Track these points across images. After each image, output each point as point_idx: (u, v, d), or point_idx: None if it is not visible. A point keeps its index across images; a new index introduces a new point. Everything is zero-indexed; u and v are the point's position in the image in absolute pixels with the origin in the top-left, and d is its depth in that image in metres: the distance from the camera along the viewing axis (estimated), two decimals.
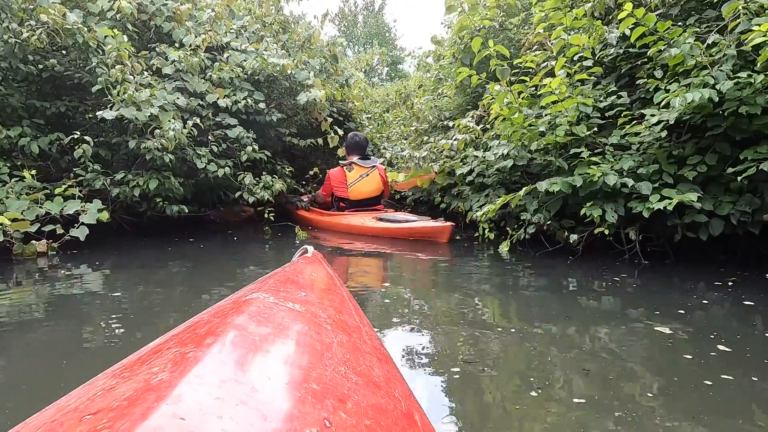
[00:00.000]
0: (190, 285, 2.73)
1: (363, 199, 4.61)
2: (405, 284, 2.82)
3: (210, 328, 0.63)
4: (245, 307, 0.74)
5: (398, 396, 0.68)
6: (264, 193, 4.31)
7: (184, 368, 0.49)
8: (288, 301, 0.85)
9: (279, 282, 1.03)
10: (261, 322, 0.69)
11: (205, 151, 4.12)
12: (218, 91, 4.25)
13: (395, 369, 0.87)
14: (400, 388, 0.74)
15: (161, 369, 0.49)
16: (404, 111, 6.89)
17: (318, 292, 1.09)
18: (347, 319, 0.96)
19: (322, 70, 5.26)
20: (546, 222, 3.13)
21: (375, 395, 0.62)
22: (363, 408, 0.56)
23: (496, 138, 3.76)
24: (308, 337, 0.70)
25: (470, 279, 2.87)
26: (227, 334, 0.61)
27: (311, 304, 0.92)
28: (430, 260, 3.50)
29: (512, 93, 3.22)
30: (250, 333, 0.63)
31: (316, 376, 0.57)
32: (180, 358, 0.52)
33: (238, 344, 0.59)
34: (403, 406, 0.66)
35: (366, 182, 4.61)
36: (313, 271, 1.28)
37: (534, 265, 3.06)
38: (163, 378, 0.46)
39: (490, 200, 3.66)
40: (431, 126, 5.08)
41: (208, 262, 3.26)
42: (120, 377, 0.50)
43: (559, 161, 3.16)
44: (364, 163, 4.64)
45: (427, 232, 3.86)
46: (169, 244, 3.80)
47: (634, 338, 1.77)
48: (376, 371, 0.73)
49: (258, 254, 3.61)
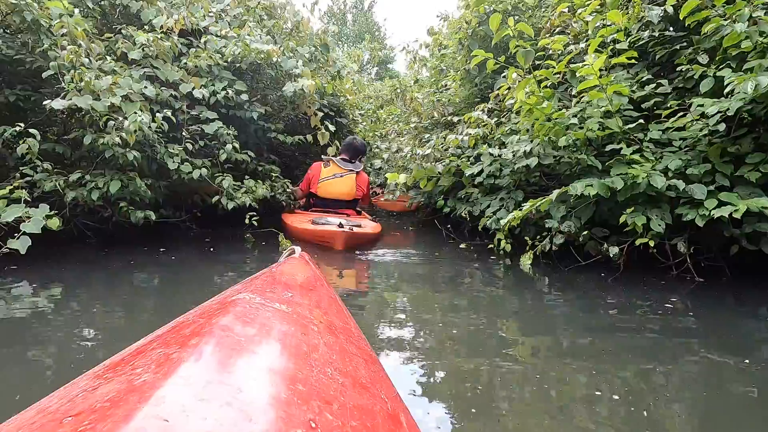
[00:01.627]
0: (155, 304, 2.25)
1: (330, 198, 4.39)
2: (401, 290, 2.56)
3: (195, 329, 0.63)
4: (231, 308, 0.73)
5: (384, 397, 0.69)
6: (246, 198, 3.80)
7: (168, 369, 0.49)
8: (274, 301, 0.85)
9: (265, 282, 1.02)
10: (247, 323, 0.69)
11: (179, 149, 3.60)
12: (194, 80, 3.73)
13: (382, 370, 0.87)
14: (387, 390, 0.75)
15: (145, 370, 0.49)
16: (400, 107, 6.40)
17: (305, 292, 1.06)
18: (334, 320, 0.96)
19: (311, 60, 4.76)
20: (575, 231, 2.67)
21: (361, 396, 0.62)
22: (349, 409, 0.55)
23: (513, 133, 3.30)
24: (294, 338, 0.70)
25: (481, 294, 2.44)
26: (212, 334, 0.61)
27: (298, 304, 0.91)
28: (431, 267, 3.07)
29: (534, 80, 2.76)
30: (235, 334, 0.63)
31: (302, 377, 0.57)
32: (164, 358, 0.52)
33: (223, 345, 0.58)
34: (390, 407, 0.66)
35: (337, 182, 4.38)
36: (300, 272, 1.26)
37: (562, 283, 2.60)
38: (147, 379, 0.46)
39: (506, 205, 3.20)
40: (432, 122, 4.61)
41: (178, 278, 2.75)
42: (102, 378, 0.50)
43: (591, 159, 2.70)
44: (343, 164, 4.42)
45: (320, 237, 3.56)
46: (135, 255, 3.27)
47: (688, 374, 1.44)
48: (362, 372, 0.74)
49: (237, 268, 3.10)
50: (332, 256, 3.39)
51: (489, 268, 3.06)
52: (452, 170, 3.68)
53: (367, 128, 6.89)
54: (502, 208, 3.18)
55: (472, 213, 3.60)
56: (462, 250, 3.56)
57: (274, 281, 1.06)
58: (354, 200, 4.50)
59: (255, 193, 3.89)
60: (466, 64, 3.91)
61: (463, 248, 3.59)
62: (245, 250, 3.64)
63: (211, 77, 3.96)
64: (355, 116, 6.13)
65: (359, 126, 6.37)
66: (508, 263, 3.13)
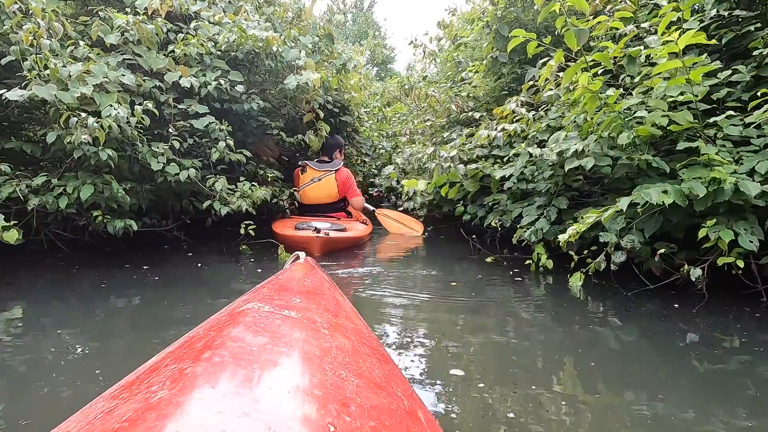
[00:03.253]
0: (129, 340, 1.78)
1: (313, 204, 4.27)
2: (421, 306, 2.29)
3: (206, 342, 0.63)
4: (240, 318, 0.73)
5: (401, 395, 0.69)
6: (241, 203, 3.33)
7: (183, 385, 0.49)
8: (283, 309, 0.84)
9: (273, 290, 1.02)
10: (257, 332, 0.68)
11: (164, 147, 3.13)
12: (181, 68, 3.26)
13: (396, 369, 0.88)
14: (402, 388, 0.74)
15: (160, 387, 0.49)
16: (409, 105, 5.94)
17: (313, 297, 1.06)
18: (344, 323, 0.95)
19: (315, 51, 4.30)
20: (640, 248, 2.20)
21: (377, 396, 0.62)
22: (366, 410, 0.55)
23: (551, 129, 2.83)
24: (306, 344, 0.70)
25: (517, 316, 1.99)
26: (224, 347, 0.60)
27: (307, 310, 0.90)
28: (457, 281, 2.63)
29: (587, 65, 2.29)
30: (247, 344, 0.63)
31: (317, 381, 0.57)
32: (178, 374, 0.52)
33: (236, 356, 0.58)
34: (406, 405, 0.66)
35: (316, 187, 4.26)
36: (306, 277, 1.25)
37: (622, 310, 2.14)
38: (163, 396, 0.46)
39: (547, 214, 2.73)
40: (450, 120, 4.14)
41: (161, 304, 2.27)
42: (119, 398, 0.50)
43: (657, 161, 2.23)
44: (319, 166, 4.28)
45: (299, 242, 3.39)
46: (112, 274, 2.80)
47: None
48: (376, 372, 0.73)
49: (231, 290, 2.62)
50: (346, 263, 3.21)
51: (525, 287, 2.60)
52: (478, 174, 3.21)
53: (372, 127, 6.42)
54: (542, 217, 2.72)
55: (502, 223, 3.14)
56: (490, 264, 3.09)
57: (281, 288, 1.05)
58: (340, 201, 4.34)
59: (252, 196, 3.42)
60: (492, 51, 3.45)
61: (490, 262, 3.12)
62: (241, 264, 3.16)
63: (203, 67, 3.49)
64: (361, 114, 5.66)
65: (365, 125, 5.90)
66: (548, 282, 2.66)
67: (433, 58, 6.34)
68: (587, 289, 2.43)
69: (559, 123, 2.89)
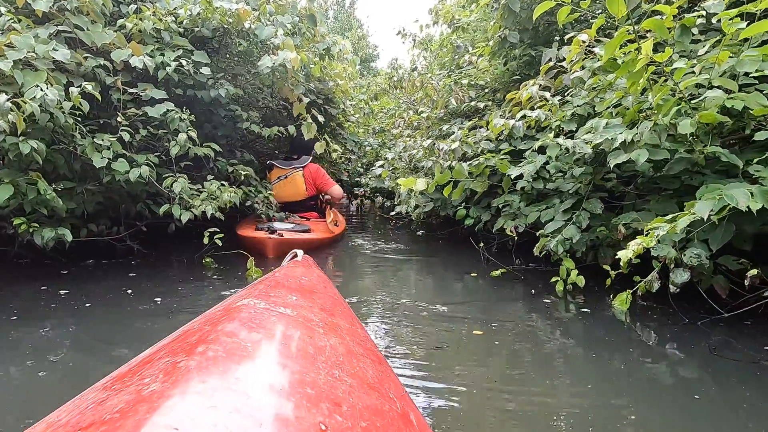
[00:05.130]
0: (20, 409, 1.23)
1: (285, 202, 4.08)
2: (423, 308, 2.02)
3: (201, 337, 0.62)
4: (236, 314, 0.72)
5: (393, 397, 0.68)
6: (206, 207, 2.79)
7: (176, 378, 0.48)
8: (279, 306, 0.83)
9: (269, 287, 1.00)
10: (252, 329, 0.68)
11: (110, 139, 2.58)
12: (133, 45, 2.71)
13: (389, 370, 0.87)
14: (395, 389, 0.74)
15: (153, 380, 0.48)
16: (398, 98, 5.44)
17: (309, 295, 1.05)
18: (340, 322, 0.94)
19: (294, 33, 3.77)
20: (706, 264, 1.74)
21: (370, 397, 0.62)
22: (359, 410, 0.55)
23: (580, 118, 2.36)
24: (301, 342, 0.69)
25: (544, 343, 1.56)
26: (218, 341, 0.60)
27: (302, 308, 0.90)
28: (469, 297, 2.18)
29: (634, 35, 1.82)
30: (241, 340, 0.62)
31: (310, 380, 0.56)
32: (171, 367, 0.51)
33: (229, 351, 0.57)
34: (399, 407, 0.65)
35: (282, 185, 4.08)
36: (303, 275, 1.24)
37: (686, 343, 1.68)
38: (155, 389, 0.46)
39: (577, 220, 2.25)
40: (449, 112, 3.65)
41: (83, 346, 1.73)
42: (111, 389, 0.49)
43: (726, 154, 1.77)
44: (285, 164, 4.14)
45: (253, 244, 3.22)
46: (22, 298, 2.25)
47: None
48: (370, 373, 0.73)
49: (181, 321, 2.09)
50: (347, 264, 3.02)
51: (550, 309, 2.13)
52: (486, 171, 2.73)
53: (359, 121, 5.91)
54: (570, 223, 2.24)
55: (517, 229, 2.66)
56: (498, 278, 2.62)
57: (277, 285, 1.04)
58: (310, 199, 4.16)
59: (220, 198, 2.89)
60: (500, 30, 2.97)
61: (496, 275, 2.65)
62: (203, 282, 2.60)
63: (161, 45, 2.94)
64: (347, 106, 5.14)
65: (351, 118, 5.39)
66: (579, 303, 2.19)
67: (425, 47, 5.86)
68: (633, 313, 1.96)
69: (587, 111, 2.42)
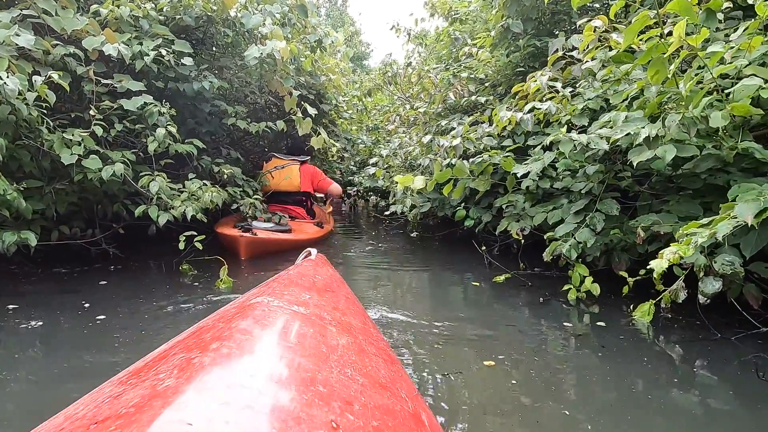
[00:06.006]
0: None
1: (278, 191, 4.05)
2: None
3: (215, 333, 0.62)
4: (249, 311, 0.73)
5: (405, 397, 0.68)
6: (188, 208, 2.58)
7: (190, 374, 0.48)
8: (292, 304, 0.83)
9: (283, 285, 1.00)
10: (266, 326, 0.69)
11: (81, 134, 2.36)
12: (107, 33, 2.49)
13: (401, 370, 0.87)
14: (407, 389, 0.74)
15: (167, 375, 0.48)
16: (393, 93, 5.25)
17: (322, 294, 1.05)
18: (352, 321, 0.94)
19: (284, 23, 3.56)
20: (741, 272, 1.57)
21: (382, 396, 0.62)
22: (370, 409, 0.55)
23: (592, 112, 2.19)
24: (313, 340, 0.69)
25: (559, 360, 1.36)
26: (232, 338, 0.60)
27: (316, 306, 0.89)
28: (472, 301, 2.04)
29: (658, 16, 1.65)
30: (254, 337, 0.63)
31: (322, 378, 0.56)
32: (186, 363, 0.52)
33: (243, 348, 0.58)
34: (410, 407, 0.65)
35: (279, 174, 4.05)
36: (317, 274, 1.24)
37: (717, 361, 1.50)
38: (170, 384, 0.46)
39: (590, 222, 2.08)
40: (447, 107, 3.46)
41: (18, 384, 1.52)
42: (127, 384, 0.50)
43: (760, 150, 1.60)
44: (284, 156, 4.16)
45: (227, 243, 3.17)
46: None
47: None
48: (382, 372, 0.73)
49: (145, 348, 1.88)
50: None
51: (559, 315, 1.95)
52: (490, 169, 2.55)
53: (353, 116, 5.70)
54: (584, 226, 2.06)
55: (523, 231, 2.48)
56: (502, 285, 2.44)
57: (291, 283, 1.03)
58: (302, 195, 4.14)
59: (202, 199, 2.68)
60: (503, 20, 2.79)
61: (501, 281, 2.47)
62: (177, 295, 2.29)
63: (139, 33, 2.73)
64: (339, 102, 4.93)
65: (345, 115, 5.18)
66: (595, 312, 2.01)
67: (420, 42, 5.67)
68: (657, 326, 1.79)
69: (599, 104, 2.24)
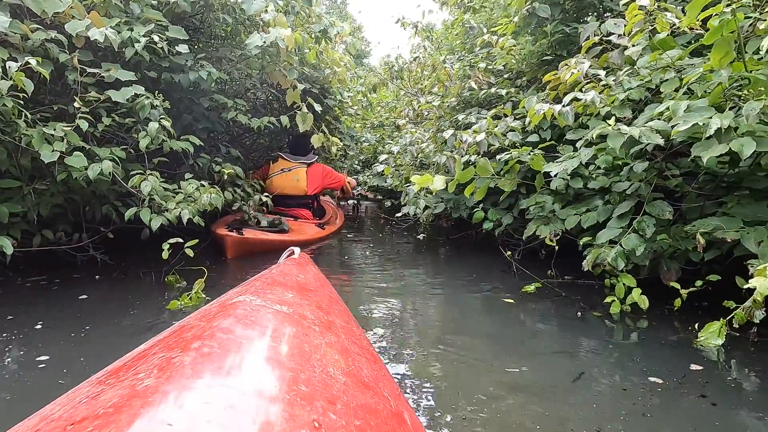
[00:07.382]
0: None
1: (282, 195, 3.90)
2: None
3: (196, 332, 0.61)
4: (231, 310, 0.72)
5: (387, 396, 0.68)
6: (183, 211, 2.34)
7: (171, 373, 0.48)
8: (275, 303, 0.83)
9: (265, 284, 1.00)
10: (248, 325, 0.67)
11: (64, 129, 2.12)
12: (93, 16, 2.24)
13: (384, 369, 0.87)
14: (390, 388, 0.74)
15: (147, 375, 0.48)
16: (398, 89, 5.01)
17: (305, 293, 1.04)
18: (335, 320, 0.94)
19: (287, 11, 3.32)
20: None
21: (364, 395, 0.62)
22: (352, 408, 0.55)
23: (635, 103, 1.95)
24: (296, 339, 0.69)
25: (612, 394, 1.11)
26: (214, 337, 0.59)
27: (298, 305, 0.89)
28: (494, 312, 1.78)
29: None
30: (236, 336, 0.62)
31: (304, 377, 0.56)
32: (166, 363, 0.51)
33: (224, 348, 0.57)
34: (393, 406, 0.65)
35: (284, 177, 3.94)
36: (300, 273, 1.23)
37: None
38: (149, 384, 0.45)
39: (641, 227, 1.84)
40: (463, 101, 3.22)
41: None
42: (105, 384, 0.48)
43: None
44: (291, 157, 4.01)
45: (214, 241, 3.08)
46: None
47: None
48: (365, 371, 0.72)
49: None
50: None
51: (602, 333, 1.71)
52: (517, 168, 2.31)
53: (358, 113, 5.45)
54: (631, 232, 1.83)
55: (556, 236, 2.24)
56: (533, 294, 2.20)
57: (274, 282, 1.03)
58: (308, 197, 4.02)
59: (198, 201, 2.43)
60: (527, 4, 2.55)
61: (532, 291, 2.23)
62: (161, 311, 1.99)
63: (130, 17, 2.48)
64: (344, 98, 4.69)
65: (350, 110, 4.94)
66: (642, 327, 1.77)
67: (427, 36, 5.43)
68: (726, 348, 1.55)
69: (643, 94, 2.00)
